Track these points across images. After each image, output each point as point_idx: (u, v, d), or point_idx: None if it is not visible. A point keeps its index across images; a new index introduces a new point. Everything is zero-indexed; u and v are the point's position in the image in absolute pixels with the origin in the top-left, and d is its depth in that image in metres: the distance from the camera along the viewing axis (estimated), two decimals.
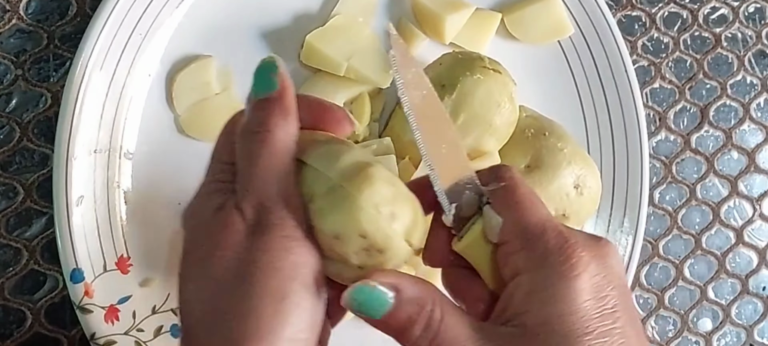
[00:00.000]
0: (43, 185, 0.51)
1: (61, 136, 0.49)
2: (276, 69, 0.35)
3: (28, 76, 0.52)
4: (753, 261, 0.61)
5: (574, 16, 0.55)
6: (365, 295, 0.33)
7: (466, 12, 0.54)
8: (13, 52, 0.52)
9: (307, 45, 0.53)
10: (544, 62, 0.56)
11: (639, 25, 0.60)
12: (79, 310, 0.49)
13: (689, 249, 0.60)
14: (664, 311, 0.59)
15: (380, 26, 0.55)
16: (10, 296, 0.51)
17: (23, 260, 0.51)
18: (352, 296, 0.33)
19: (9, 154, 0.52)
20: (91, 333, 0.49)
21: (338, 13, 0.53)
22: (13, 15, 0.52)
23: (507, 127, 0.51)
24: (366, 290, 0.33)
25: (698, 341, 0.60)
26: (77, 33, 0.52)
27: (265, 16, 0.53)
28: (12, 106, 0.52)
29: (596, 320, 0.33)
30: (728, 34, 0.61)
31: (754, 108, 0.61)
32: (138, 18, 0.51)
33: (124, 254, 0.51)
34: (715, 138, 0.60)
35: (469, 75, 0.49)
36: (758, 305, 0.61)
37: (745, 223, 0.60)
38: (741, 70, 0.61)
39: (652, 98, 0.60)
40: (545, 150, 0.50)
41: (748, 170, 0.61)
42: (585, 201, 0.50)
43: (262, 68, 0.35)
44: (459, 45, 0.55)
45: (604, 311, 0.34)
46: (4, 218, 0.51)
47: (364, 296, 0.33)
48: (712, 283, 0.60)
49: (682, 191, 0.60)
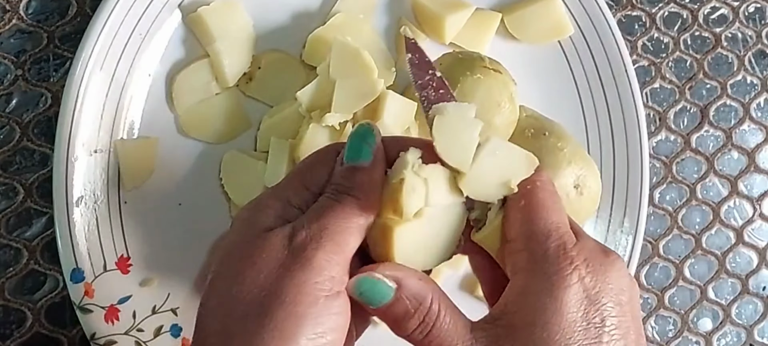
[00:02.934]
0: (43, 185, 0.51)
1: (61, 136, 0.49)
2: (373, 139, 0.36)
3: (28, 76, 0.52)
4: (753, 261, 0.61)
5: (574, 16, 0.55)
6: (368, 285, 0.34)
7: (466, 12, 0.54)
8: (13, 52, 0.52)
9: (309, 44, 0.53)
10: (544, 62, 0.56)
11: (639, 25, 0.60)
12: (79, 310, 0.49)
13: (689, 249, 0.60)
14: (664, 311, 0.59)
15: (381, 23, 0.55)
16: (10, 296, 0.51)
17: (23, 260, 0.51)
18: (356, 284, 0.34)
19: (9, 154, 0.52)
20: (91, 333, 0.49)
21: (338, 11, 0.53)
22: (13, 15, 0.52)
23: (507, 127, 0.51)
24: (370, 281, 0.34)
25: (698, 341, 0.60)
26: (77, 33, 0.52)
27: (265, 16, 0.53)
28: (12, 106, 0.52)
29: (580, 333, 0.34)
30: (728, 34, 0.61)
31: (754, 108, 0.61)
32: (138, 18, 0.51)
33: (124, 254, 0.51)
34: (715, 138, 0.60)
35: (470, 75, 0.49)
36: (758, 305, 0.61)
37: (745, 223, 0.60)
38: (741, 70, 0.61)
39: (652, 98, 0.60)
40: (545, 150, 0.50)
41: (748, 170, 0.61)
42: (585, 201, 0.50)
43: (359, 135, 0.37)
44: (459, 45, 0.55)
45: (590, 325, 0.34)
46: (4, 218, 0.51)
47: (368, 286, 0.34)
48: (712, 283, 0.60)
49: (682, 191, 0.60)
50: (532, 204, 0.36)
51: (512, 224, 0.36)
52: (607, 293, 0.35)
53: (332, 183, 0.36)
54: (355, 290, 0.35)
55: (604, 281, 0.35)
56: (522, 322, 0.34)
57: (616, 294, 0.35)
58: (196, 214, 0.51)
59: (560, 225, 0.36)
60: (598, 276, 0.35)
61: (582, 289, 0.34)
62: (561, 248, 0.35)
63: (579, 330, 0.34)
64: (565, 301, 0.34)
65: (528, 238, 0.35)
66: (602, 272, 0.35)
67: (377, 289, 0.34)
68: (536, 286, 0.35)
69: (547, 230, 0.35)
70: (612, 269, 0.36)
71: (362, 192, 0.35)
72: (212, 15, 0.51)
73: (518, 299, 0.35)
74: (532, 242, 0.35)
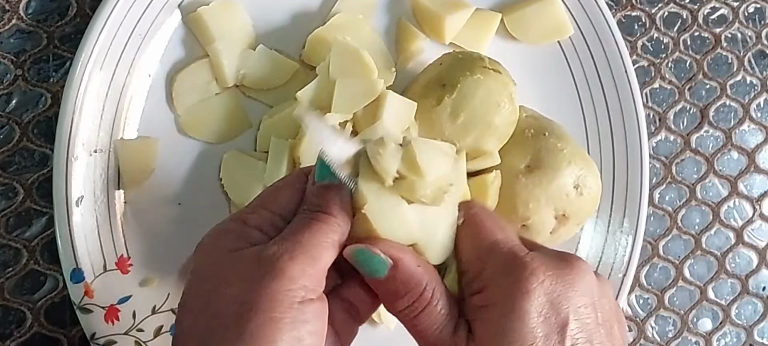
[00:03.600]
0: (43, 185, 0.51)
1: (61, 136, 0.49)
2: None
3: (28, 76, 0.52)
4: (753, 261, 0.61)
5: (574, 16, 0.55)
6: (364, 256, 0.36)
7: (466, 12, 0.54)
8: (13, 52, 0.52)
9: (309, 44, 0.53)
10: (544, 62, 0.56)
11: (639, 25, 0.60)
12: (79, 310, 0.49)
13: (689, 249, 0.60)
14: (664, 311, 0.59)
15: (381, 23, 0.55)
16: (10, 296, 0.51)
17: (23, 260, 0.51)
18: (354, 251, 0.36)
19: (9, 154, 0.52)
20: (91, 333, 0.49)
21: (338, 11, 0.53)
22: (13, 15, 0.52)
23: (507, 127, 0.51)
24: (366, 253, 0.36)
25: (698, 342, 0.60)
26: (77, 33, 0.52)
27: (265, 16, 0.53)
28: (12, 106, 0.52)
29: (541, 339, 0.34)
30: (728, 34, 0.61)
31: (754, 108, 0.61)
32: (138, 18, 0.51)
33: (124, 254, 0.51)
34: (715, 138, 0.60)
35: (469, 75, 0.49)
36: (758, 305, 0.61)
37: (745, 223, 0.60)
38: (741, 71, 0.61)
39: (652, 98, 0.60)
40: (545, 150, 0.50)
41: (748, 170, 0.61)
42: (585, 201, 0.50)
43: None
44: (459, 45, 0.55)
45: (551, 330, 0.35)
46: (4, 218, 0.51)
47: (363, 257, 0.36)
48: (712, 283, 0.60)
49: (682, 191, 0.60)
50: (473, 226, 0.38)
51: (463, 253, 0.38)
52: (568, 297, 0.35)
53: (305, 203, 0.37)
54: (352, 254, 0.36)
55: (565, 284, 0.36)
56: (484, 331, 0.35)
57: (581, 296, 0.36)
58: (196, 214, 0.51)
59: (507, 240, 0.37)
60: (558, 280, 0.36)
61: (543, 293, 0.35)
62: (512, 257, 0.36)
63: (540, 336, 0.34)
64: (526, 309, 0.35)
65: (478, 258, 0.37)
66: (563, 275, 0.36)
67: (372, 262, 0.36)
68: (496, 298, 0.36)
69: (495, 245, 0.37)
70: (573, 272, 0.36)
71: (335, 209, 0.36)
72: (212, 15, 0.51)
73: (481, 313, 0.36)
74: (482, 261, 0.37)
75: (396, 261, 0.36)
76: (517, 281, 0.35)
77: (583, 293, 0.36)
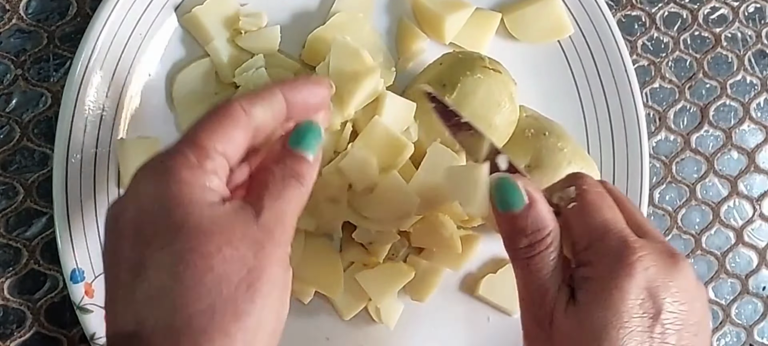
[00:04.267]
0: (43, 185, 0.51)
1: (61, 136, 0.49)
2: (320, 138, 0.39)
3: (28, 76, 0.52)
4: (753, 261, 0.61)
5: (574, 16, 0.55)
6: (508, 188, 0.39)
7: (466, 12, 0.54)
8: (13, 52, 0.52)
9: (309, 44, 0.53)
10: (544, 62, 0.56)
11: (639, 25, 0.60)
12: (79, 310, 0.49)
13: (689, 249, 0.60)
14: None
15: (381, 23, 0.55)
16: (10, 296, 0.51)
17: (23, 260, 0.51)
18: (498, 179, 0.39)
19: (9, 154, 0.52)
20: (91, 333, 0.49)
21: (338, 10, 0.53)
22: (13, 15, 0.52)
23: (507, 126, 0.51)
24: (511, 185, 0.38)
25: None
26: (77, 33, 0.52)
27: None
28: (12, 106, 0.52)
29: (635, 320, 0.36)
30: (728, 34, 0.61)
31: (754, 108, 0.61)
32: (138, 18, 0.51)
33: None
34: (715, 138, 0.60)
35: (470, 75, 0.49)
36: (758, 305, 0.61)
37: (745, 223, 0.60)
38: (741, 70, 0.61)
39: (652, 98, 0.60)
40: (545, 150, 0.50)
41: (748, 170, 0.61)
42: None
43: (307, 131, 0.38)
44: (459, 45, 0.55)
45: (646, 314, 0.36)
46: (4, 218, 0.51)
47: (507, 188, 0.39)
48: (712, 283, 0.60)
49: (682, 191, 0.60)
50: (583, 206, 0.40)
51: (574, 227, 0.39)
52: (667, 290, 0.37)
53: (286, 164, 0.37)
54: (496, 181, 0.39)
55: (666, 277, 0.37)
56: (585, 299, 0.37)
57: (677, 293, 0.37)
58: None
59: (615, 221, 0.39)
60: (661, 271, 0.37)
61: (644, 280, 0.37)
62: (622, 241, 0.38)
63: (635, 317, 0.36)
64: (627, 289, 0.36)
65: (589, 236, 0.38)
66: (666, 268, 0.37)
67: (513, 194, 0.38)
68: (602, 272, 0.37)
69: (603, 226, 0.38)
70: (676, 270, 0.38)
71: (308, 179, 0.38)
72: (206, 13, 0.51)
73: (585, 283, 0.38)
74: (593, 238, 0.38)
75: (532, 201, 0.38)
76: (623, 264, 0.37)
77: (681, 289, 0.38)
